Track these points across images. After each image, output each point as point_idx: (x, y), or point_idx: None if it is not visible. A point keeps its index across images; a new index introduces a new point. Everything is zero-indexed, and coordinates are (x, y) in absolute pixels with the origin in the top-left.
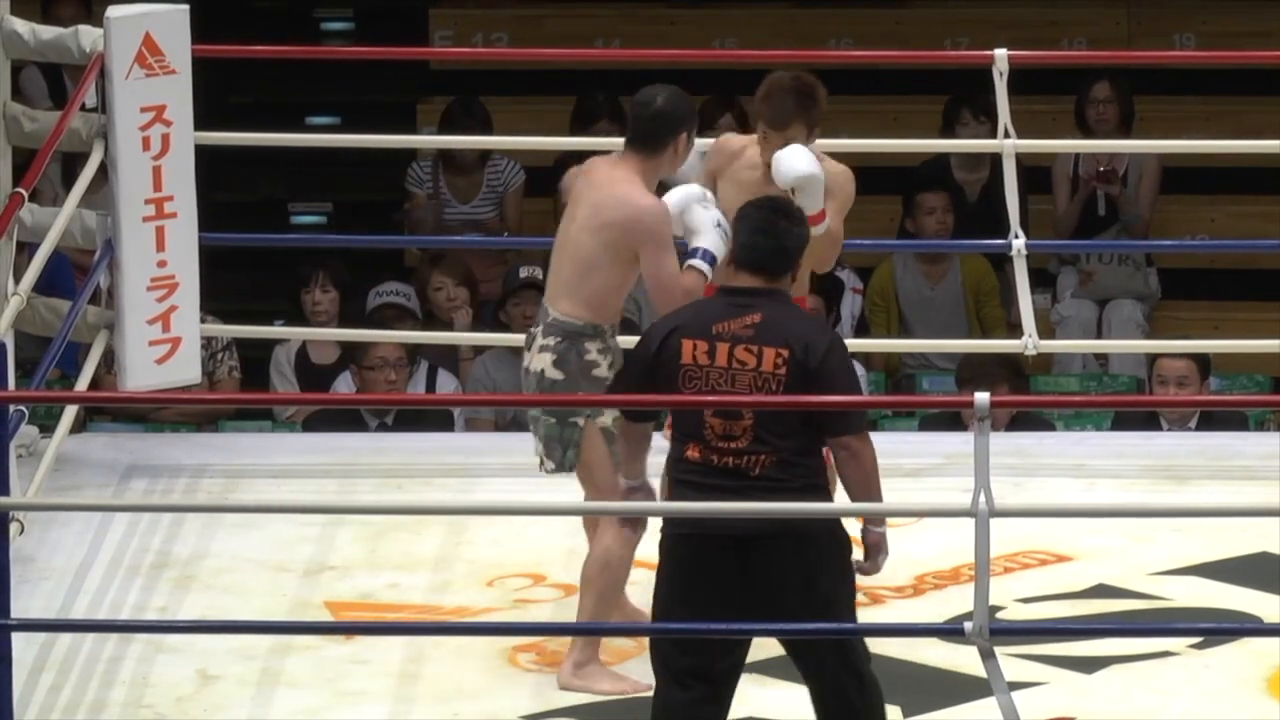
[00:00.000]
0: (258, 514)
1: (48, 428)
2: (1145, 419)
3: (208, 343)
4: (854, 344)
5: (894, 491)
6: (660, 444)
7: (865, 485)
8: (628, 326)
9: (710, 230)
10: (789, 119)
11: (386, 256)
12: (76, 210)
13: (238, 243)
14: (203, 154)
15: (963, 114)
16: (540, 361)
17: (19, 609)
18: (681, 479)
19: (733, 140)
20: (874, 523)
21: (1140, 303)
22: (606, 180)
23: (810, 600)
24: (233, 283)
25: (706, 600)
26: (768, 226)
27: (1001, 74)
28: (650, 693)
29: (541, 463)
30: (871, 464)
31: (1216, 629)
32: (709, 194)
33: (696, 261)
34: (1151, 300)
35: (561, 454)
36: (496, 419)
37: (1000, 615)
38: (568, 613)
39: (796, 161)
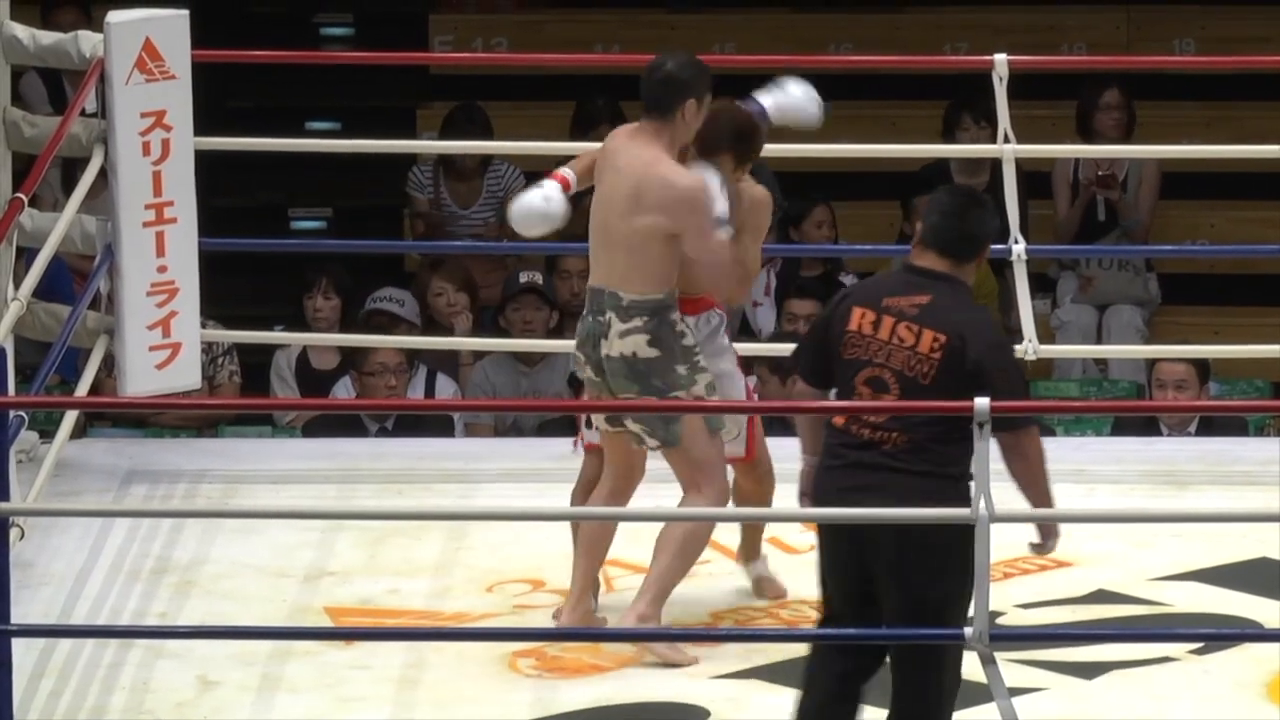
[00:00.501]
0: (258, 519)
1: (48, 433)
2: (1145, 424)
3: (208, 348)
4: None
5: None
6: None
7: (1032, 480)
8: None
9: (720, 197)
10: (715, 150)
11: (387, 262)
12: (76, 215)
13: (238, 248)
14: (203, 159)
15: (963, 119)
16: (630, 345)
17: (19, 614)
18: (825, 443)
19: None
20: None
21: (1140, 308)
22: (638, 160)
23: (917, 578)
24: (233, 288)
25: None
26: (960, 211)
27: (1001, 79)
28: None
29: (642, 441)
30: (1036, 458)
31: (1216, 634)
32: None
33: (720, 231)
34: (1151, 305)
35: (665, 429)
36: (496, 424)
37: (1000, 621)
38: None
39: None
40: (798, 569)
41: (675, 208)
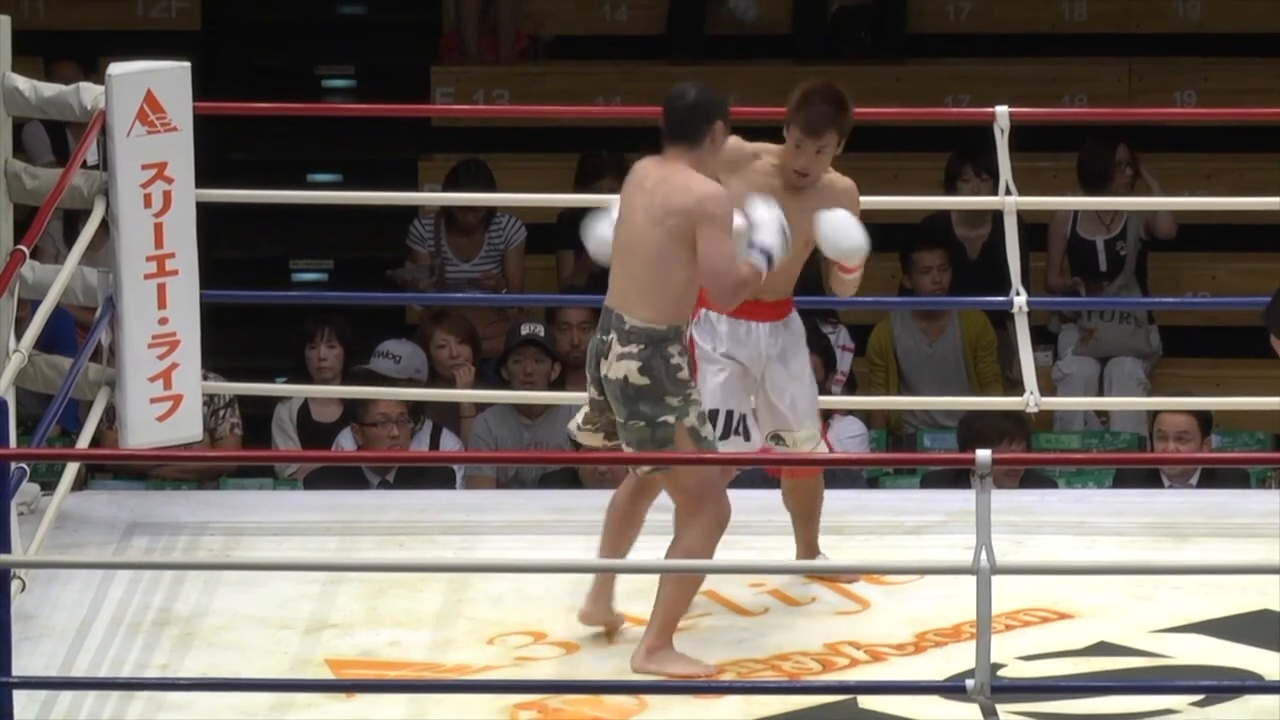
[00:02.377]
0: (259, 571)
1: (49, 485)
2: (1147, 476)
3: (209, 400)
4: (852, 401)
5: (895, 549)
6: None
7: None
8: None
9: (772, 227)
10: (825, 126)
11: (388, 314)
12: (78, 267)
13: (239, 300)
14: (204, 211)
15: (965, 170)
16: (623, 369)
17: (20, 667)
18: None
19: (747, 145)
20: None
21: (1142, 360)
22: (663, 177)
23: None
24: (234, 340)
25: None
26: None
27: (1003, 130)
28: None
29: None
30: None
31: (1218, 687)
32: (774, 199)
33: (754, 256)
34: (1153, 357)
35: (655, 450)
36: (498, 476)
37: (1002, 673)
38: (569, 670)
39: (850, 232)
40: (798, 621)
41: (693, 209)
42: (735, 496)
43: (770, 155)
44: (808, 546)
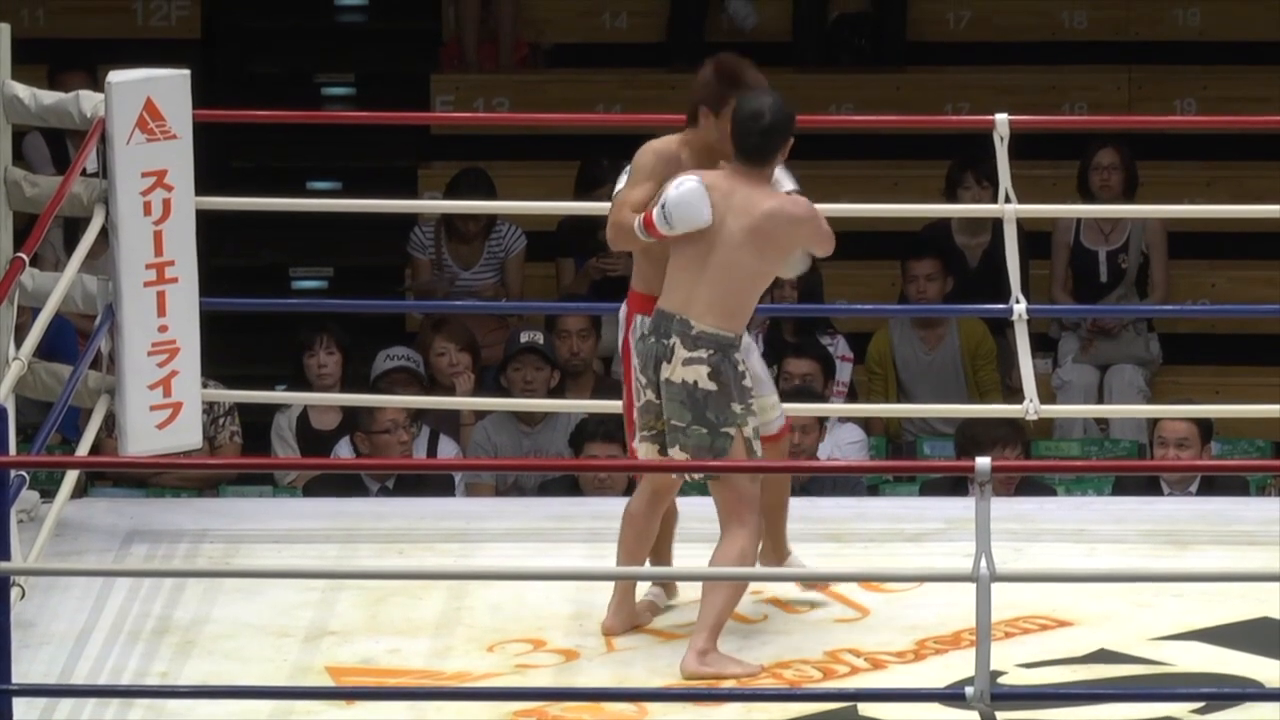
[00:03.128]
0: (259, 579)
1: (49, 492)
2: (1146, 484)
3: (209, 408)
4: (854, 409)
5: (895, 557)
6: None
7: None
8: None
9: (674, 192)
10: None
11: (388, 322)
12: (78, 275)
13: (239, 308)
14: (204, 219)
15: (965, 178)
16: (691, 373)
17: (19, 674)
18: None
19: (669, 147)
20: None
21: (1141, 368)
22: (753, 203)
23: None
24: (234, 348)
25: None
26: None
27: (1002, 139)
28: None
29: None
30: None
31: (1218, 694)
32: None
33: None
34: (1153, 365)
35: (712, 455)
36: (497, 484)
37: (1001, 680)
38: (568, 677)
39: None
40: (797, 629)
41: (795, 231)
42: None
43: (685, 146)
44: (775, 542)
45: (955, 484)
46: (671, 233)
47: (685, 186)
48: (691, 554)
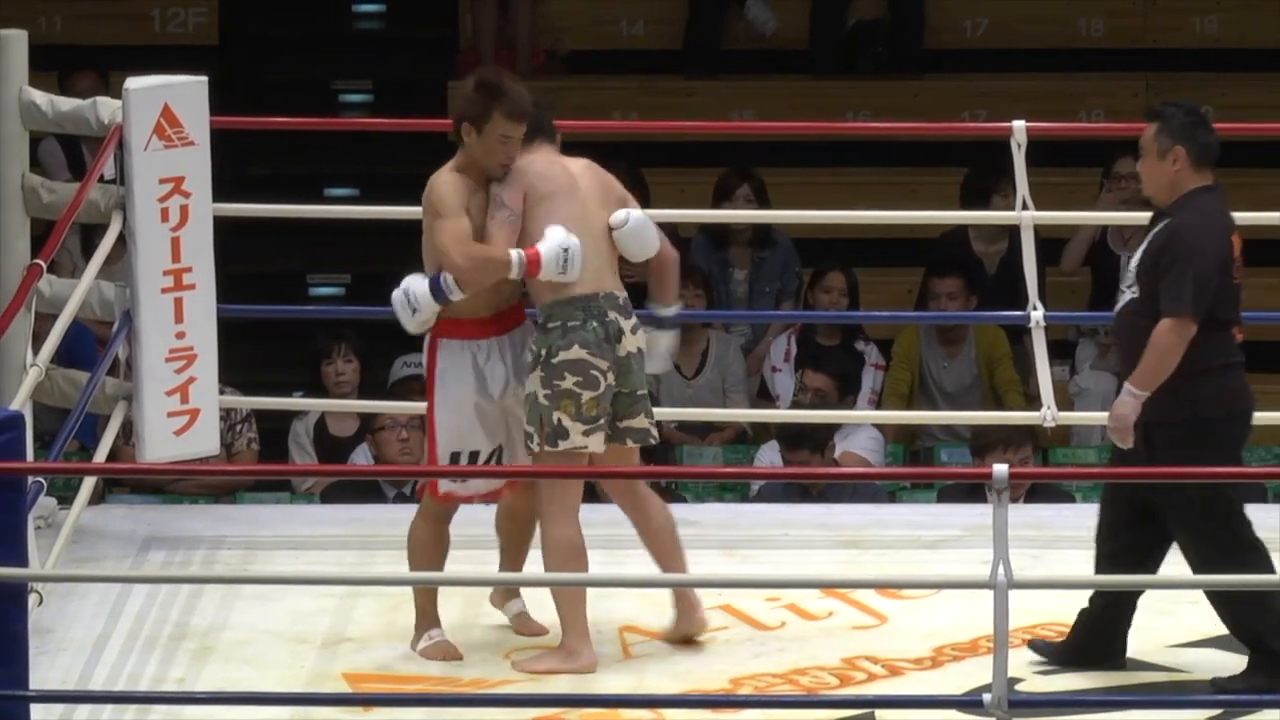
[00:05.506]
0: (276, 585)
1: (66, 499)
2: None
3: (226, 414)
4: (875, 416)
5: (913, 564)
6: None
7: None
8: None
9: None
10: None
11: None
12: (95, 282)
13: (256, 314)
14: (221, 225)
15: (1001, 184)
16: (638, 340)
17: (37, 680)
18: (1234, 361)
19: (458, 176)
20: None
21: None
22: (581, 165)
23: None
24: (251, 354)
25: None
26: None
27: (1020, 145)
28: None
29: (647, 435)
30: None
31: (1236, 700)
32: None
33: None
34: None
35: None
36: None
37: (1019, 687)
38: (585, 684)
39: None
40: (814, 636)
41: (625, 197)
42: (752, 511)
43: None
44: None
45: (973, 490)
46: (562, 279)
47: (631, 215)
48: (703, 560)
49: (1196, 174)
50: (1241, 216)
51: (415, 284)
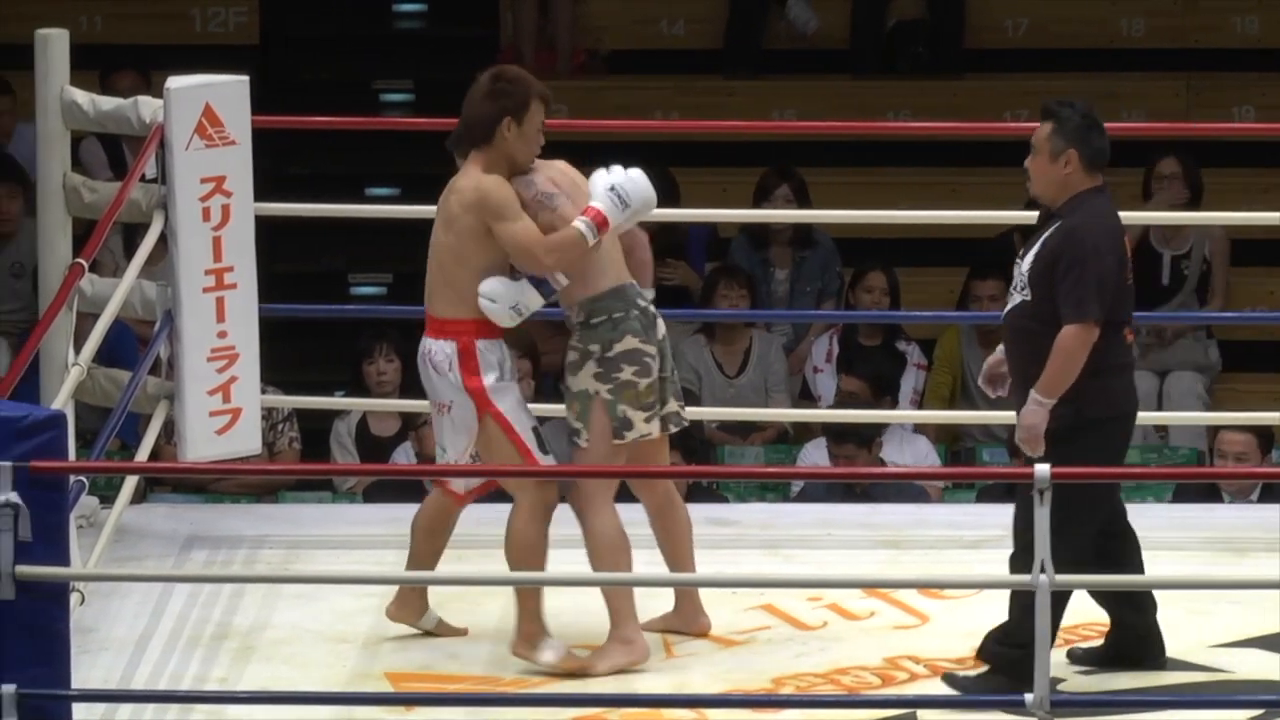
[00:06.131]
0: (318, 585)
1: (108, 498)
2: (1206, 491)
3: (268, 414)
4: (915, 416)
5: (954, 564)
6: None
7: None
8: None
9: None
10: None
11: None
12: (137, 281)
13: (297, 314)
14: (263, 225)
15: None
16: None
17: (79, 679)
18: (1123, 362)
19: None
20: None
21: (1201, 374)
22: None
23: None
24: (292, 354)
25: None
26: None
27: None
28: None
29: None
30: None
31: (1277, 701)
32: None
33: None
34: (1212, 372)
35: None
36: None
37: (1061, 687)
38: (627, 684)
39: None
40: (856, 636)
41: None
42: (793, 510)
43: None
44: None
45: (1011, 490)
46: (629, 214)
47: (629, 172)
48: (745, 560)
49: (1087, 176)
50: None
51: (523, 295)
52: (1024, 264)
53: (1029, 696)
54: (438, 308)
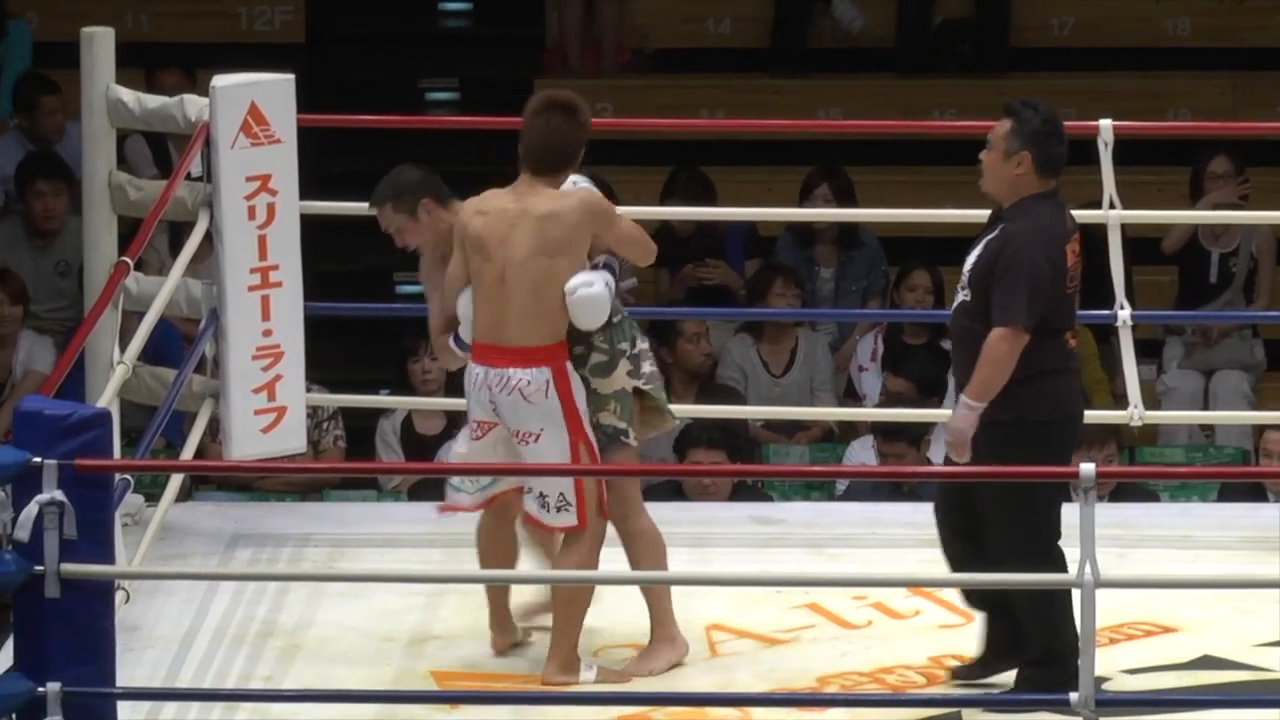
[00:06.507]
0: (363, 583)
1: (153, 496)
2: (1251, 490)
3: (313, 412)
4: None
5: None
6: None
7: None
8: None
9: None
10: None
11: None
12: (182, 279)
13: (342, 312)
14: (307, 223)
15: None
16: None
17: (124, 677)
18: (1067, 367)
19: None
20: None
21: (1246, 373)
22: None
23: None
24: (337, 352)
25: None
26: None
27: (1106, 144)
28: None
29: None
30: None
31: None
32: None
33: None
34: (1258, 371)
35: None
36: None
37: (1106, 686)
38: (671, 683)
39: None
40: (901, 635)
41: None
42: (838, 509)
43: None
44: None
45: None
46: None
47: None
48: (790, 559)
49: (1039, 180)
50: None
51: (602, 274)
52: (967, 263)
53: (1074, 695)
54: (527, 337)
